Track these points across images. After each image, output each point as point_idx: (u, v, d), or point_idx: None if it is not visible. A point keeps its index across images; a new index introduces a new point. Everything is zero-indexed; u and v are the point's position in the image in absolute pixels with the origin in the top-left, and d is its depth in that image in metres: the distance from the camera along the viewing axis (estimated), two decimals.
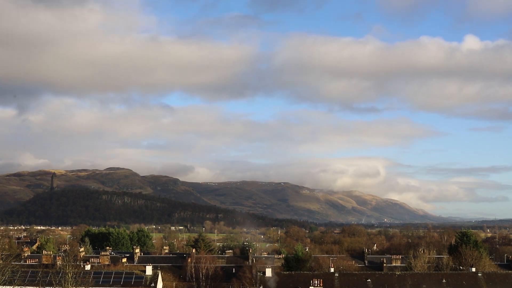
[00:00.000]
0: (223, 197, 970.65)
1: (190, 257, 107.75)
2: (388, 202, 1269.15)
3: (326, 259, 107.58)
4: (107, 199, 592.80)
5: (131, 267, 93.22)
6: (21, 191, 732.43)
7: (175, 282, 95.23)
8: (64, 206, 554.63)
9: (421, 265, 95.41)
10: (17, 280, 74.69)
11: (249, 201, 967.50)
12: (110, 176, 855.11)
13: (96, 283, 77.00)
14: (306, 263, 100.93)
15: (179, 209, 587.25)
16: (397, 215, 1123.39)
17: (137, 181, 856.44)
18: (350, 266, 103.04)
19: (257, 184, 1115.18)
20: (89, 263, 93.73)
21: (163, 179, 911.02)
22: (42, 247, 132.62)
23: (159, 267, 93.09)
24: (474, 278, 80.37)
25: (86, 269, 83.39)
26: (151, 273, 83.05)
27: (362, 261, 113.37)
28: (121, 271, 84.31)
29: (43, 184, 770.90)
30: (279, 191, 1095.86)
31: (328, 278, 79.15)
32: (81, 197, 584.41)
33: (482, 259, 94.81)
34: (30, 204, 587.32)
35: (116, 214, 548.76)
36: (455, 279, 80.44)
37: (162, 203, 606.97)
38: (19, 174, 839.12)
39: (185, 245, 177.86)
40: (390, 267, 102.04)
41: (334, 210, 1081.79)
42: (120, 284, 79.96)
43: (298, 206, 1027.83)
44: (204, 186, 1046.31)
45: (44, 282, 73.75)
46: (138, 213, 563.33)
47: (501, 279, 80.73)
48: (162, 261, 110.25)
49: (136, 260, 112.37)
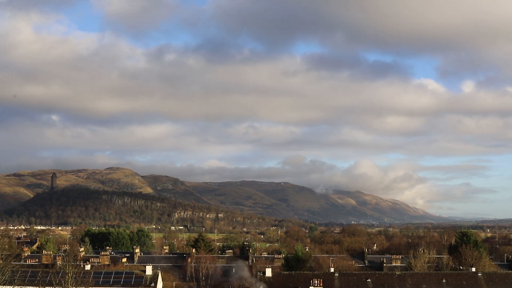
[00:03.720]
0: (223, 197, 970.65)
1: (190, 257, 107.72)
2: (388, 202, 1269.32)
3: (326, 259, 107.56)
4: (107, 199, 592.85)
5: (131, 267, 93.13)
6: (21, 191, 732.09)
7: (175, 282, 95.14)
8: (64, 206, 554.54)
9: (421, 265, 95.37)
10: (17, 280, 74.54)
11: (249, 201, 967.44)
12: (110, 176, 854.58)
13: (96, 283, 76.89)
14: (306, 263, 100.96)
15: (179, 209, 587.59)
16: (397, 215, 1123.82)
17: (137, 181, 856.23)
18: (350, 266, 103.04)
19: (257, 184, 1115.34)
20: (89, 263, 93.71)
21: (163, 179, 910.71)
22: (42, 247, 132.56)
23: (159, 267, 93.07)
24: (474, 278, 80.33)
25: (86, 269, 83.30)
26: (151, 273, 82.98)
27: (362, 261, 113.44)
28: (121, 271, 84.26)
29: (43, 184, 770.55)
30: (279, 191, 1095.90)
31: (328, 278, 79.15)
32: (81, 197, 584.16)
33: (482, 259, 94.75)
34: (30, 204, 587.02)
35: (116, 214, 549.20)
36: (455, 279, 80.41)
37: (162, 203, 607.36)
38: (19, 174, 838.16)
39: (185, 245, 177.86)
40: (390, 267, 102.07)
41: (334, 210, 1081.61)
42: (120, 284, 79.89)
43: (298, 206, 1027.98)
44: (204, 186, 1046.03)
45: (44, 282, 73.65)
46: (138, 213, 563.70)
47: (501, 279, 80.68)
48: (162, 261, 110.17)
49: (136, 260, 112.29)
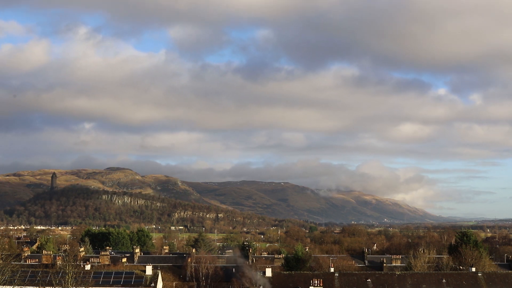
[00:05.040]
0: (223, 197, 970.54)
1: (190, 257, 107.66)
2: (388, 202, 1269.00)
3: (326, 259, 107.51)
4: (107, 199, 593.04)
5: (131, 267, 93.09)
6: (21, 191, 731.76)
7: (175, 282, 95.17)
8: (64, 206, 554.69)
9: (421, 265, 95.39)
10: (17, 280, 74.54)
11: (249, 201, 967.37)
12: (110, 176, 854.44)
13: (96, 283, 76.91)
14: (306, 263, 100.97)
15: (179, 209, 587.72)
16: (397, 215, 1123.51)
17: (137, 181, 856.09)
18: (350, 266, 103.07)
19: (257, 184, 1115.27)
20: (89, 263, 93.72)
21: (163, 179, 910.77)
22: (42, 247, 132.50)
23: (159, 267, 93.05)
24: (474, 278, 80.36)
25: (86, 269, 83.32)
26: (151, 273, 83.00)
27: (362, 261, 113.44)
28: (121, 271, 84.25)
29: (43, 184, 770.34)
30: (279, 191, 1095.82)
31: (328, 278, 79.19)
32: (81, 197, 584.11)
33: (482, 259, 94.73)
34: (30, 204, 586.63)
35: (116, 214, 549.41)
36: (455, 279, 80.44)
37: (162, 203, 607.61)
38: (19, 174, 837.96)
39: (185, 245, 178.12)
40: (390, 267, 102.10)
41: (334, 210, 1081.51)
42: (120, 284, 79.89)
43: (298, 206, 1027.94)
44: (204, 186, 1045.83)
45: (44, 282, 73.69)
46: (138, 213, 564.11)
47: (501, 279, 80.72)
48: (162, 261, 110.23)
49: (136, 260, 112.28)
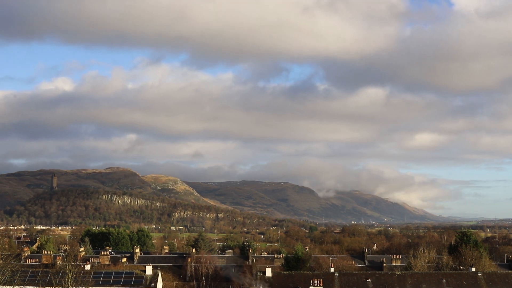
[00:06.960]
0: (223, 197, 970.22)
1: (190, 257, 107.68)
2: (388, 202, 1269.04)
3: (326, 259, 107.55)
4: (107, 199, 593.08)
5: (131, 267, 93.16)
6: (21, 191, 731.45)
7: (175, 282, 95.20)
8: (64, 206, 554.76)
9: (421, 265, 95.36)
10: (17, 280, 74.63)
11: (249, 201, 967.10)
12: (110, 176, 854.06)
13: (96, 283, 76.98)
14: (306, 263, 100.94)
15: (179, 209, 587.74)
16: (397, 215, 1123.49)
17: (137, 181, 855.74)
18: (350, 266, 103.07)
19: (257, 184, 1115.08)
20: (89, 263, 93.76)
21: (163, 179, 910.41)
22: (42, 247, 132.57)
23: (159, 267, 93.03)
24: (474, 278, 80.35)
25: (86, 269, 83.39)
26: (151, 273, 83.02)
27: (362, 261, 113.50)
28: (121, 271, 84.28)
29: (43, 184, 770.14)
30: (279, 191, 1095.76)
31: (328, 278, 79.17)
32: (81, 197, 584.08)
33: (482, 259, 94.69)
34: (30, 204, 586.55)
35: (116, 214, 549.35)
36: (455, 279, 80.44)
37: (162, 203, 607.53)
38: (19, 174, 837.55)
39: (185, 245, 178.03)
40: (390, 267, 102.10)
41: (334, 210, 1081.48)
42: (120, 284, 79.93)
43: (298, 206, 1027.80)
44: (204, 186, 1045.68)
45: (44, 282, 73.74)
46: (138, 213, 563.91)
47: (501, 279, 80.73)
48: (162, 261, 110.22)
49: (136, 260, 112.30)
